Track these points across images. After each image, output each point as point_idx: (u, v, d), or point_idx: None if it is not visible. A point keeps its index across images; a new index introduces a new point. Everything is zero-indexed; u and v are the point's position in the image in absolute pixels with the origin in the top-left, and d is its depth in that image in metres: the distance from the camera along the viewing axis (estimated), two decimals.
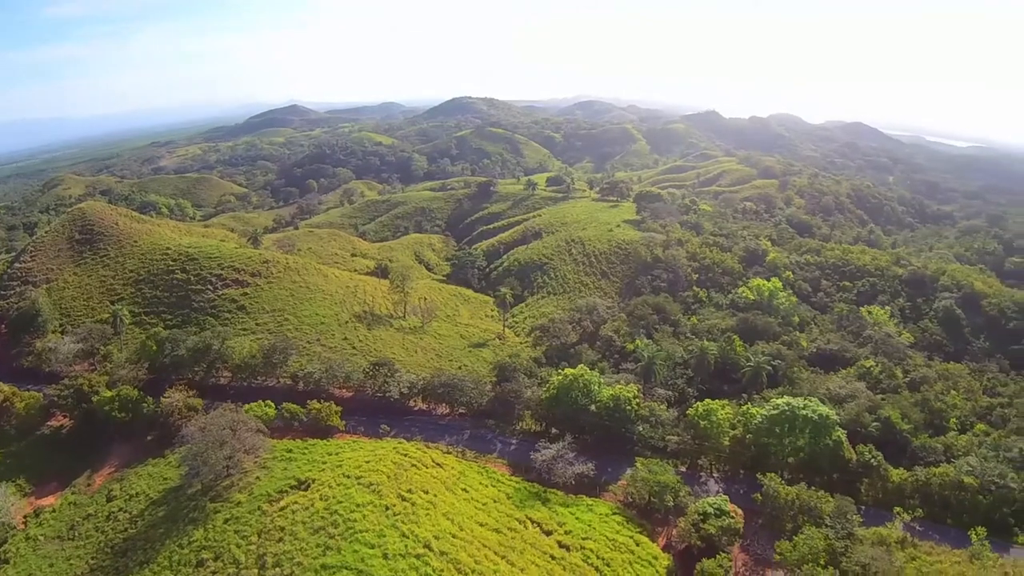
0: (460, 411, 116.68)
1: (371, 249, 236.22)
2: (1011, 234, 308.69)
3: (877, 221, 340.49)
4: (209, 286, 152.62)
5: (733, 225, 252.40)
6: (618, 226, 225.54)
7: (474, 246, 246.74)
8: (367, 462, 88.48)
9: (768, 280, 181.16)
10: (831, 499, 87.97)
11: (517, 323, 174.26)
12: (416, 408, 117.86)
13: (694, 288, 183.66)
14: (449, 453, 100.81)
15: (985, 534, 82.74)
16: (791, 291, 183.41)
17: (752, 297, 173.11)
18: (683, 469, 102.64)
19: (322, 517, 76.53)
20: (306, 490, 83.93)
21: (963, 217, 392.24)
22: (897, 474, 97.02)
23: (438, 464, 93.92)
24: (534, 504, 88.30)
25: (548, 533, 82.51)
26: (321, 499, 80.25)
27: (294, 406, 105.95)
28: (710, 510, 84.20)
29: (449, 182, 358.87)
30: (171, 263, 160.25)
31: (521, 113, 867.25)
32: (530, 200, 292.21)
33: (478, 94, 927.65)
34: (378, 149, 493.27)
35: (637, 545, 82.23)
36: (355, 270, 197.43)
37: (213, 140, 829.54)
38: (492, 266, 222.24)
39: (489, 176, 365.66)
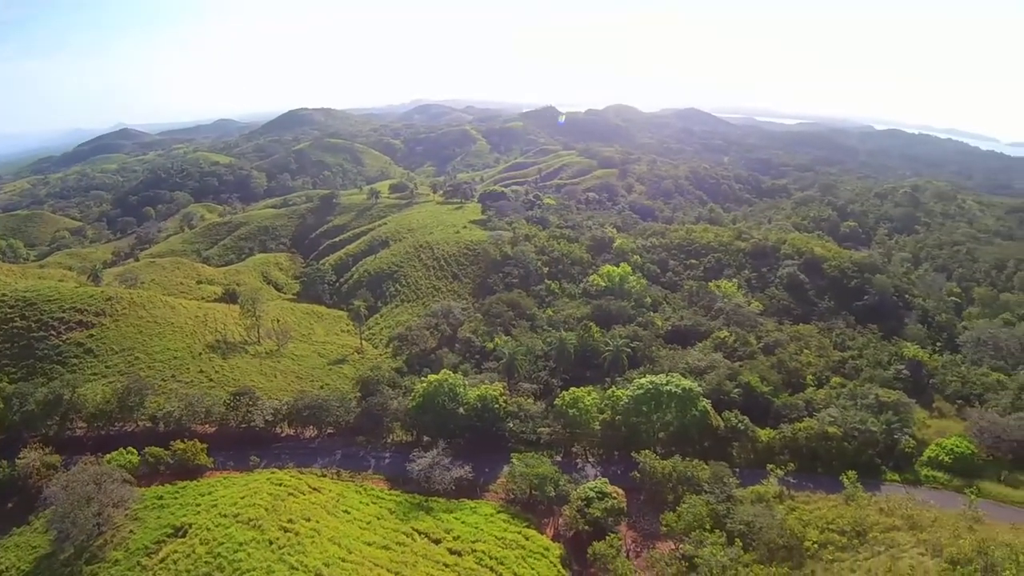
0: (329, 431, 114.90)
1: (217, 275, 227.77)
2: (843, 200, 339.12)
3: (716, 200, 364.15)
4: (52, 331, 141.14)
5: (578, 216, 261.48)
6: (465, 227, 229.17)
7: (322, 261, 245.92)
8: (242, 498, 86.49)
9: (617, 266, 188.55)
10: (706, 466, 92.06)
11: (374, 335, 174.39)
12: (284, 435, 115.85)
13: (546, 281, 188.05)
14: (324, 476, 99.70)
15: (856, 477, 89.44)
16: (641, 274, 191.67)
17: (604, 284, 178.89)
18: (559, 459, 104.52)
19: (206, 562, 73.14)
20: (184, 536, 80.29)
21: (797, 189, 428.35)
22: (765, 434, 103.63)
23: (315, 489, 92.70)
24: (418, 515, 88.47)
25: (437, 542, 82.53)
26: (201, 543, 77.30)
27: (157, 449, 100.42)
28: (592, 494, 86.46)
29: (291, 198, 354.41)
30: (8, 310, 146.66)
31: (359, 122, 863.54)
32: (374, 209, 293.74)
33: (315, 105, 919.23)
34: (216, 169, 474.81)
35: (527, 540, 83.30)
36: (203, 298, 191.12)
37: (41, 172, 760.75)
38: (342, 280, 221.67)
39: (331, 188, 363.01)
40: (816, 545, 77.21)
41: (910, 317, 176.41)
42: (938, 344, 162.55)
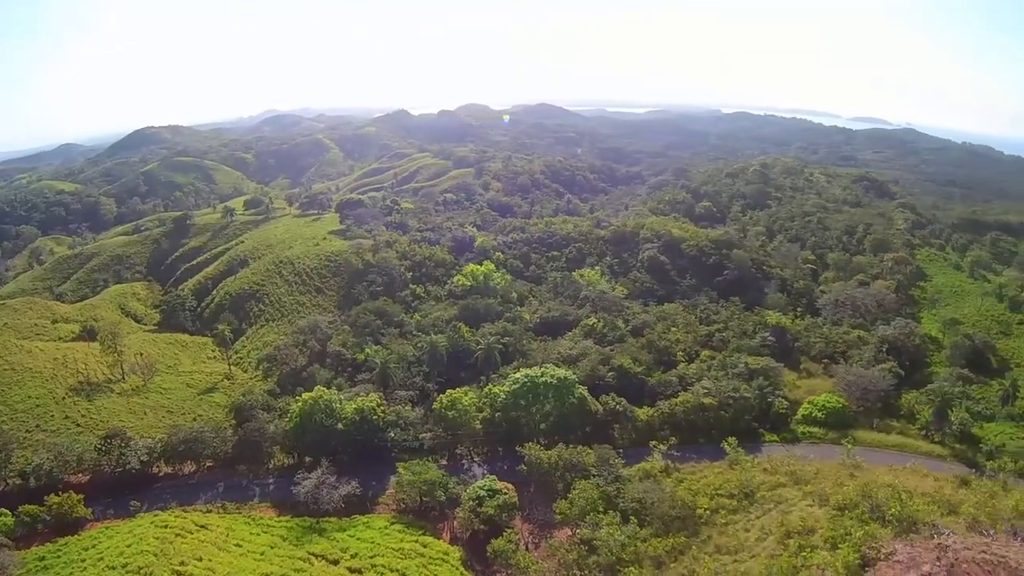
0: (208, 464, 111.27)
1: (72, 311, 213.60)
2: (696, 183, 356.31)
3: (573, 191, 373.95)
4: None
5: (438, 218, 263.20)
6: (324, 239, 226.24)
7: (181, 287, 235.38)
8: (128, 546, 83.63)
9: (480, 264, 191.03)
10: (591, 451, 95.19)
11: (243, 359, 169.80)
12: (162, 474, 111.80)
13: (411, 286, 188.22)
14: (210, 512, 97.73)
15: (736, 442, 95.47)
16: (505, 270, 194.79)
17: (468, 283, 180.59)
18: (444, 462, 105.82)
19: None
20: None
21: (652, 174, 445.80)
22: (644, 413, 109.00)
23: (203, 526, 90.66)
24: (311, 538, 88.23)
25: (335, 563, 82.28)
26: None
27: (32, 507, 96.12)
28: (483, 493, 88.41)
29: (142, 223, 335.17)
30: None
31: (209, 137, 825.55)
32: (230, 228, 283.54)
33: (162, 122, 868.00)
34: (62, 198, 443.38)
35: (425, 547, 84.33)
36: (60, 338, 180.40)
37: None
38: (204, 304, 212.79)
39: (183, 209, 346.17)
40: (708, 511, 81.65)
41: (770, 287, 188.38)
42: (799, 309, 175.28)
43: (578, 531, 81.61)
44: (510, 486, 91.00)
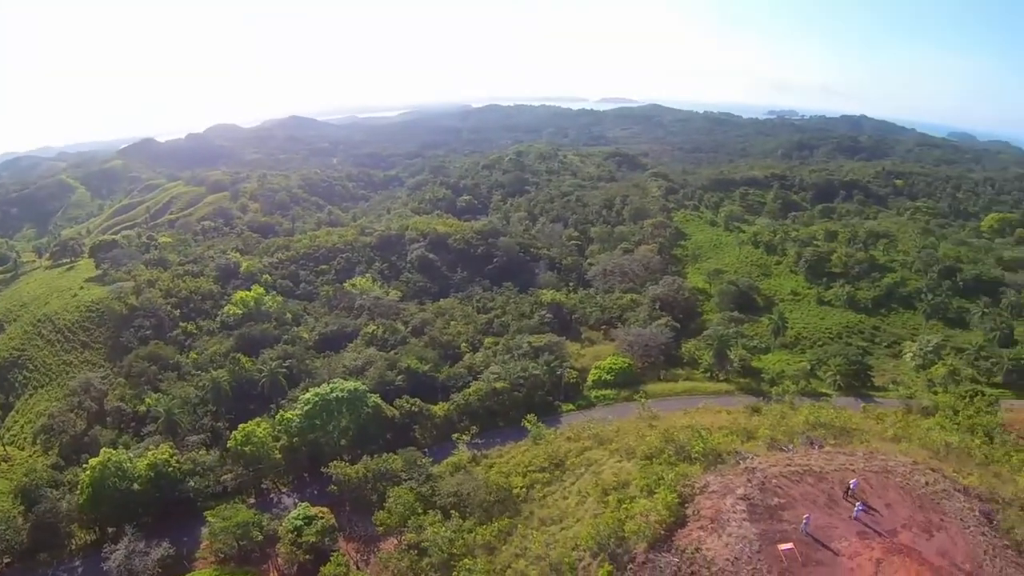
0: (7, 561, 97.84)
1: None
2: (455, 178, 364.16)
3: (333, 201, 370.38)
4: None
5: (198, 248, 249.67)
6: (81, 288, 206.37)
7: None
8: None
9: (249, 290, 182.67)
10: (396, 456, 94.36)
11: (17, 436, 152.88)
12: None
13: (181, 324, 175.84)
14: None
15: (536, 418, 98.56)
16: (275, 292, 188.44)
17: (240, 311, 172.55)
18: (252, 500, 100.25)
19: None
20: None
21: (409, 176, 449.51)
22: (440, 408, 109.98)
23: None
24: None
25: None
26: None
27: None
28: (300, 522, 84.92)
29: None
30: None
31: None
32: None
33: None
34: None
35: None
36: None
37: None
38: None
39: None
40: (524, 489, 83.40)
41: (540, 267, 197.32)
42: (571, 284, 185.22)
43: (403, 537, 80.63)
44: (325, 509, 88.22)
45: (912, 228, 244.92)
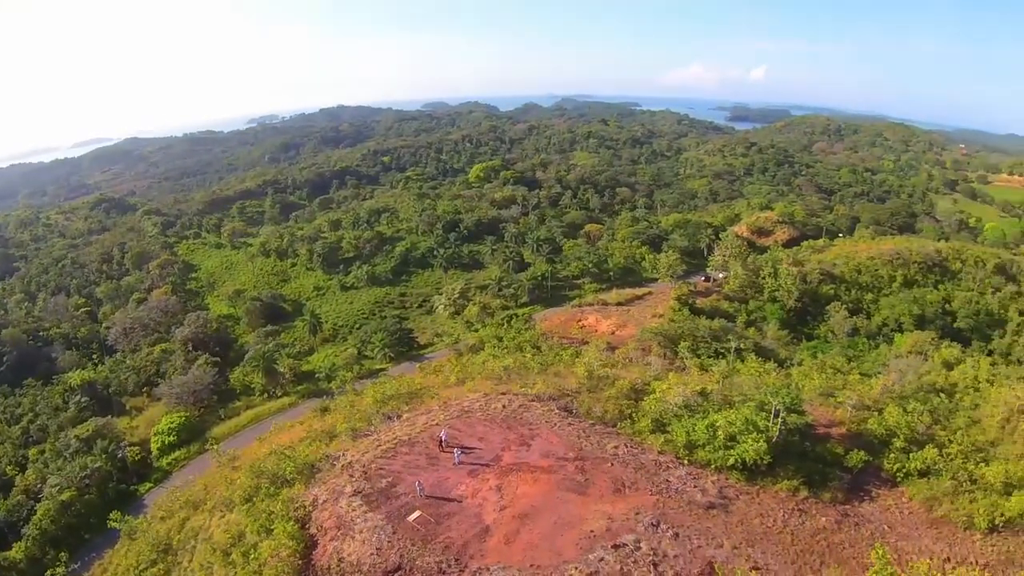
0: None
1: None
2: None
3: None
4: None
5: None
6: None
7: None
8: None
9: None
10: None
11: None
12: None
13: None
14: None
15: (121, 514, 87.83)
16: None
17: None
18: None
19: None
20: None
21: None
22: (16, 551, 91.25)
23: None
24: None
25: None
26: None
27: None
28: None
29: None
30: None
31: None
32: None
33: None
34: None
35: None
36: None
37: None
38: None
39: None
40: None
41: (56, 349, 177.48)
42: (95, 356, 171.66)
43: None
44: None
45: (408, 196, 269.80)
